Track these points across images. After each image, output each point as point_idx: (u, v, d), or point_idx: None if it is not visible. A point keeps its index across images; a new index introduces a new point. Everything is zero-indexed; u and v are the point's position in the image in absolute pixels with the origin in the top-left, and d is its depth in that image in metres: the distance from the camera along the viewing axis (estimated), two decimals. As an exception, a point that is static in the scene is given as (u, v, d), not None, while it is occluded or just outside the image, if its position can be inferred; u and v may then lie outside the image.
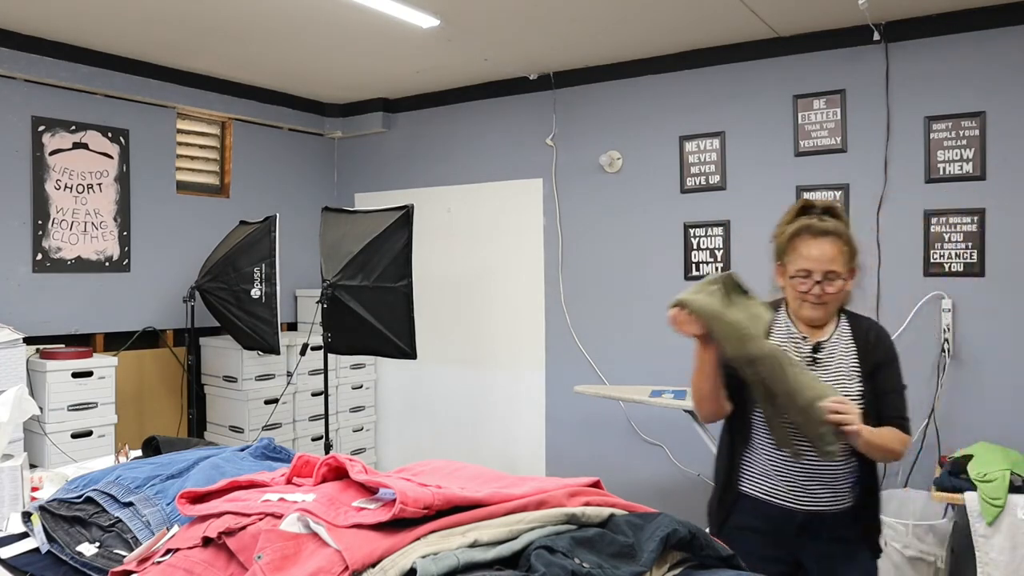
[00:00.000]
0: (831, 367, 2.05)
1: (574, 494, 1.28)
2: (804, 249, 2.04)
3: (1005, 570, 2.89)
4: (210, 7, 3.47)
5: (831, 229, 2.03)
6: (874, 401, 2.02)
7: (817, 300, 2.04)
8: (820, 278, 2.02)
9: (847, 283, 2.06)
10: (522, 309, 4.83)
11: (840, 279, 2.03)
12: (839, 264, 2.02)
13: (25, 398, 1.96)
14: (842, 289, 2.04)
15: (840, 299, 2.08)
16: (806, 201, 2.14)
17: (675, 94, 4.27)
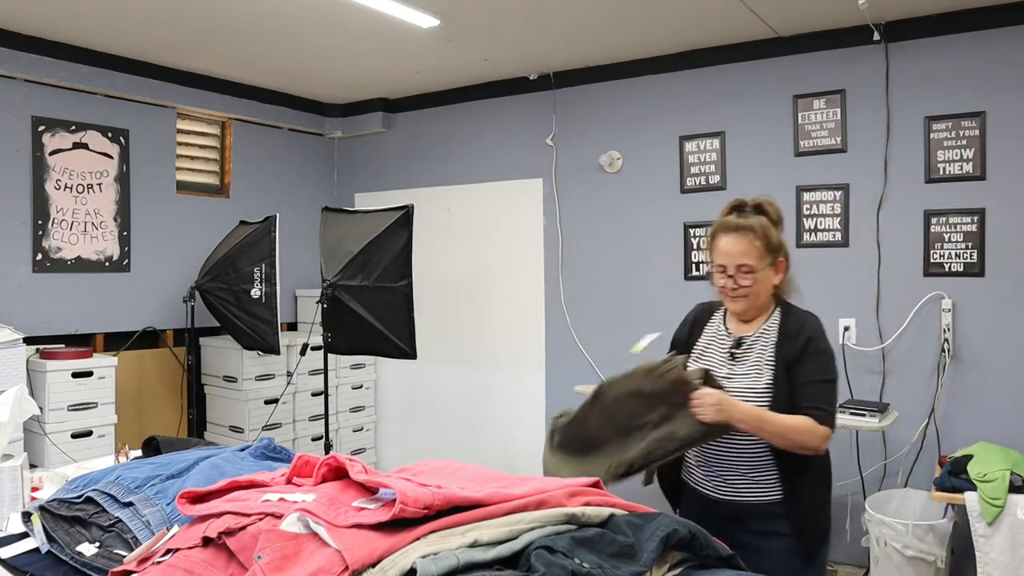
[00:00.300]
0: (747, 361, 2.10)
1: (574, 494, 1.28)
2: (719, 245, 2.13)
3: (1005, 570, 2.89)
4: (210, 7, 3.47)
5: (743, 224, 2.10)
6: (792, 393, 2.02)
7: (734, 293, 2.11)
8: (733, 272, 2.09)
9: (768, 275, 2.10)
10: (522, 309, 4.83)
11: (753, 272, 2.07)
12: (751, 257, 2.08)
13: (25, 398, 1.96)
14: (758, 282, 2.08)
15: (760, 291, 2.11)
16: (737, 200, 2.20)
17: (675, 94, 4.27)
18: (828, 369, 2.04)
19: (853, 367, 3.78)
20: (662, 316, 4.28)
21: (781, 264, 2.13)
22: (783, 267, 2.14)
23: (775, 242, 2.11)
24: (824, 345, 2.06)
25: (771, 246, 2.10)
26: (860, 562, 3.76)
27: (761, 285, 2.10)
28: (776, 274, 2.12)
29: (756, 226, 2.10)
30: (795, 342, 2.05)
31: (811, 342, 2.05)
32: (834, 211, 3.84)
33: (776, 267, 2.12)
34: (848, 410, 3.17)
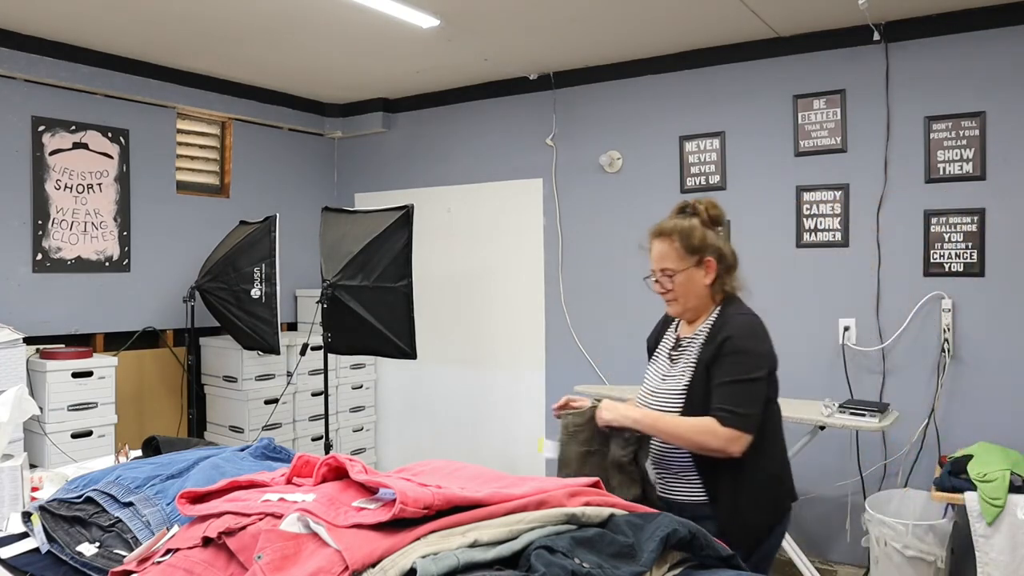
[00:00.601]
0: (680, 363, 2.11)
1: (574, 494, 1.28)
2: (651, 250, 2.17)
3: (1005, 570, 2.89)
4: (210, 7, 3.47)
5: (664, 228, 2.14)
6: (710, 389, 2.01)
7: (663, 296, 2.15)
8: (659, 276, 2.13)
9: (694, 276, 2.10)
10: (522, 309, 4.83)
11: (674, 274, 2.10)
12: (671, 260, 2.11)
13: (25, 398, 1.96)
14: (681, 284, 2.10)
15: (689, 293, 2.11)
16: (681, 203, 2.20)
17: (675, 94, 4.27)
18: (743, 370, 1.98)
19: (853, 367, 3.78)
20: (662, 316, 4.29)
21: (709, 264, 2.10)
22: (712, 267, 2.10)
23: (696, 243, 2.09)
24: (743, 345, 2.00)
25: (692, 247, 2.09)
26: (860, 562, 3.76)
27: (687, 287, 2.10)
28: (706, 274, 2.10)
29: (675, 228, 2.11)
30: (714, 342, 2.03)
31: (727, 342, 2.01)
32: (834, 211, 3.84)
33: (704, 267, 2.10)
34: (848, 410, 3.16)
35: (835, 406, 3.19)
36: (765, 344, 2.05)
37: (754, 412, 1.97)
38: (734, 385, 1.97)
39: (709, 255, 2.10)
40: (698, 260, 2.10)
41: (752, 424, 1.96)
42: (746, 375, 1.98)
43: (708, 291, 2.12)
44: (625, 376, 4.41)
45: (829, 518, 3.86)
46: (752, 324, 2.07)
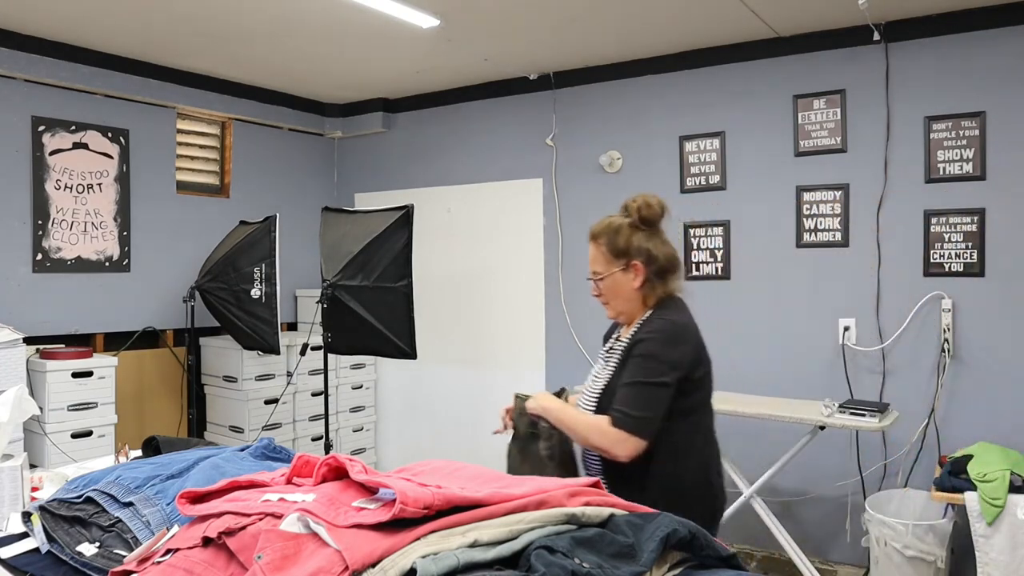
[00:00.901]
0: (609, 364, 2.09)
1: (574, 494, 1.28)
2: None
3: (1005, 570, 2.89)
4: (210, 7, 3.47)
5: (593, 231, 2.10)
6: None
7: (598, 300, 2.12)
8: (591, 280, 2.11)
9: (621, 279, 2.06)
10: (522, 309, 4.83)
11: (602, 279, 2.08)
12: (598, 264, 2.08)
13: (25, 398, 1.96)
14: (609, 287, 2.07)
15: (619, 295, 2.08)
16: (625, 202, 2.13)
17: (675, 94, 4.27)
18: (645, 373, 1.94)
19: (853, 367, 3.78)
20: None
21: (636, 267, 2.05)
22: (639, 270, 2.05)
23: (622, 246, 2.05)
24: (652, 348, 1.95)
25: (617, 250, 2.05)
26: (860, 562, 3.76)
27: (615, 290, 2.07)
28: (634, 277, 2.05)
29: (602, 231, 2.08)
30: (632, 345, 2.00)
31: (638, 345, 1.98)
32: (834, 211, 3.84)
33: (631, 270, 2.05)
34: (848, 410, 3.17)
35: (835, 406, 3.19)
36: (677, 351, 1.97)
37: (649, 417, 1.92)
38: (634, 387, 1.94)
39: (635, 258, 2.04)
40: (625, 264, 2.05)
41: (645, 429, 1.91)
42: (648, 379, 1.93)
43: (638, 294, 2.07)
44: (625, 376, 4.41)
45: (829, 518, 3.86)
46: (669, 329, 1.99)
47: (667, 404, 1.94)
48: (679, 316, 2.04)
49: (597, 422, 1.94)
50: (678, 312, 2.06)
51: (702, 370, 2.03)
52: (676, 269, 2.10)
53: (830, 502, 3.85)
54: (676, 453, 1.98)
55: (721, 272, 4.14)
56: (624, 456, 1.91)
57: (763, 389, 3.81)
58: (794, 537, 3.49)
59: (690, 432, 2.01)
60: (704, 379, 2.04)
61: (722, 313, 4.13)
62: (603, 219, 2.12)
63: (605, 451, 1.93)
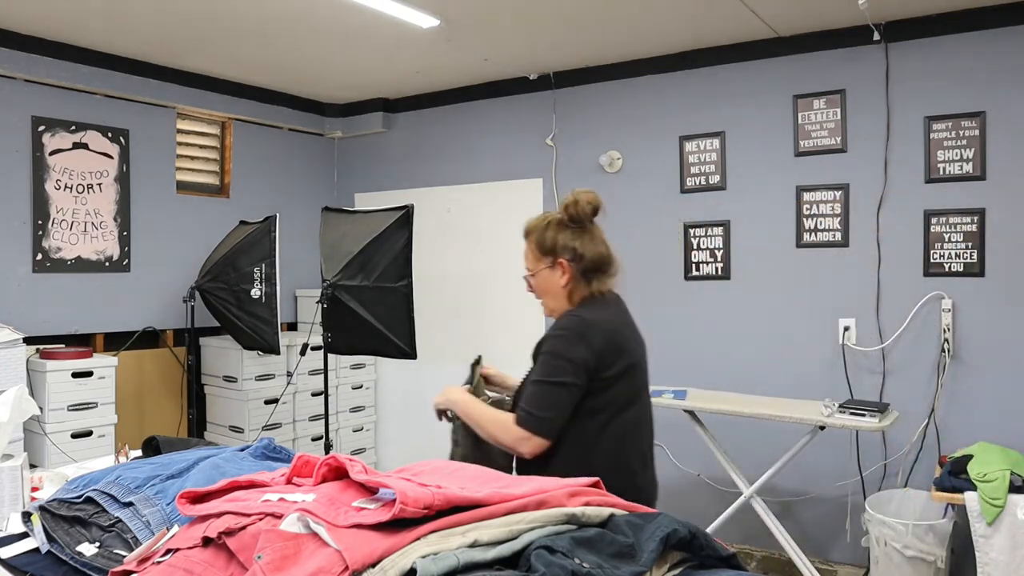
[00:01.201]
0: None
1: (574, 494, 1.28)
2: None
3: (1005, 570, 2.89)
4: (210, 7, 3.47)
5: (525, 229, 2.13)
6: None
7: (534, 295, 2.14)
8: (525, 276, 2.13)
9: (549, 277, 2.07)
10: (522, 309, 4.82)
11: (534, 275, 2.10)
12: (529, 262, 2.11)
13: (25, 398, 1.96)
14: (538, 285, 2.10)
15: (548, 293, 2.09)
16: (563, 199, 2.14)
17: (675, 94, 4.27)
18: (549, 372, 1.94)
19: (853, 367, 3.78)
20: (662, 316, 4.30)
21: (563, 265, 2.05)
22: (566, 268, 2.05)
23: (548, 244, 2.06)
24: (555, 346, 1.96)
25: (544, 249, 2.06)
26: (860, 562, 3.76)
27: (544, 287, 2.09)
28: (562, 275, 2.05)
29: (532, 229, 2.10)
30: (540, 341, 2.02)
31: (544, 342, 2.00)
32: (834, 211, 3.84)
33: (558, 268, 2.06)
34: (848, 410, 3.16)
35: (835, 406, 3.19)
36: (582, 349, 1.94)
37: (552, 417, 1.92)
38: (538, 386, 1.95)
39: (561, 256, 2.05)
40: (551, 261, 2.06)
41: (547, 429, 1.92)
42: (551, 378, 1.94)
43: (565, 292, 2.06)
44: (625, 376, 4.41)
45: (829, 518, 3.86)
46: (577, 326, 1.97)
47: (572, 404, 1.94)
48: (593, 314, 2.01)
49: (503, 419, 1.96)
50: (595, 310, 2.03)
51: (616, 369, 1.98)
52: (605, 268, 2.09)
53: (830, 502, 3.85)
54: (579, 453, 1.96)
55: (721, 272, 4.14)
56: (528, 454, 1.93)
57: (763, 389, 3.81)
58: (794, 537, 3.49)
59: (596, 432, 1.99)
60: (619, 378, 1.99)
61: (722, 313, 4.13)
62: (538, 216, 2.14)
63: (509, 448, 1.95)
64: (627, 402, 2.04)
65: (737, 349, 4.08)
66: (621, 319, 2.08)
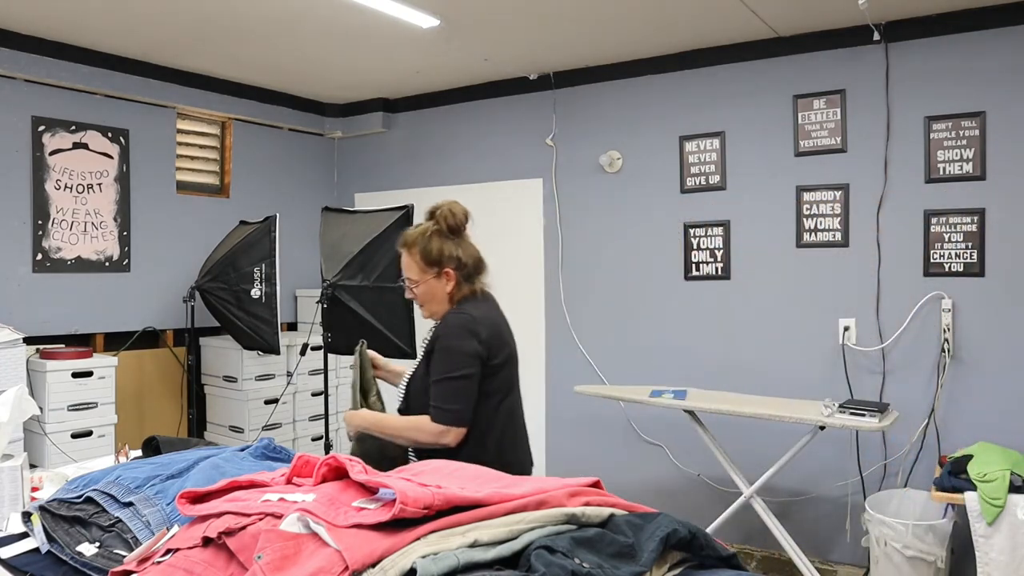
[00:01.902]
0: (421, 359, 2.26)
1: (574, 494, 1.28)
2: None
3: (1005, 570, 2.89)
4: (210, 7, 3.47)
5: (406, 241, 2.25)
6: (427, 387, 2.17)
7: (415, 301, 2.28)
8: (406, 283, 2.27)
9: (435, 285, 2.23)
10: (522, 309, 4.83)
11: (418, 285, 2.24)
12: (413, 272, 2.24)
13: (25, 398, 1.96)
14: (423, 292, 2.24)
15: (432, 299, 2.25)
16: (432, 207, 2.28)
17: (675, 94, 4.27)
18: (448, 368, 2.13)
19: (853, 367, 3.78)
20: (662, 316, 4.30)
21: (448, 274, 2.21)
22: (451, 276, 2.22)
23: (434, 256, 2.20)
24: (449, 343, 2.14)
25: (430, 260, 2.21)
26: (860, 562, 3.76)
27: (429, 295, 2.24)
28: (447, 283, 2.22)
29: (415, 242, 2.23)
30: (430, 341, 2.21)
31: (437, 340, 2.17)
32: (834, 211, 3.84)
33: (444, 277, 2.22)
34: (848, 410, 3.16)
35: (835, 406, 3.19)
36: (472, 343, 2.14)
37: (461, 408, 2.12)
38: (441, 383, 2.14)
39: (448, 266, 2.21)
40: (437, 272, 2.22)
41: (460, 418, 2.12)
42: (451, 373, 2.13)
43: (448, 296, 2.24)
44: (625, 376, 4.41)
45: (829, 518, 3.86)
46: (463, 323, 2.16)
47: (475, 392, 2.15)
48: (477, 311, 2.21)
49: (416, 423, 2.15)
50: (478, 307, 2.23)
51: (501, 357, 2.21)
52: (483, 269, 2.31)
53: (830, 502, 3.85)
54: (480, 432, 2.17)
55: (721, 272, 4.14)
56: (452, 444, 2.12)
57: (763, 389, 3.81)
58: (794, 537, 3.49)
59: (492, 412, 2.20)
60: (503, 366, 2.22)
61: (722, 313, 4.13)
62: (414, 228, 2.27)
63: (431, 444, 2.12)
64: (510, 386, 2.28)
65: (737, 349, 4.08)
66: (499, 314, 2.34)
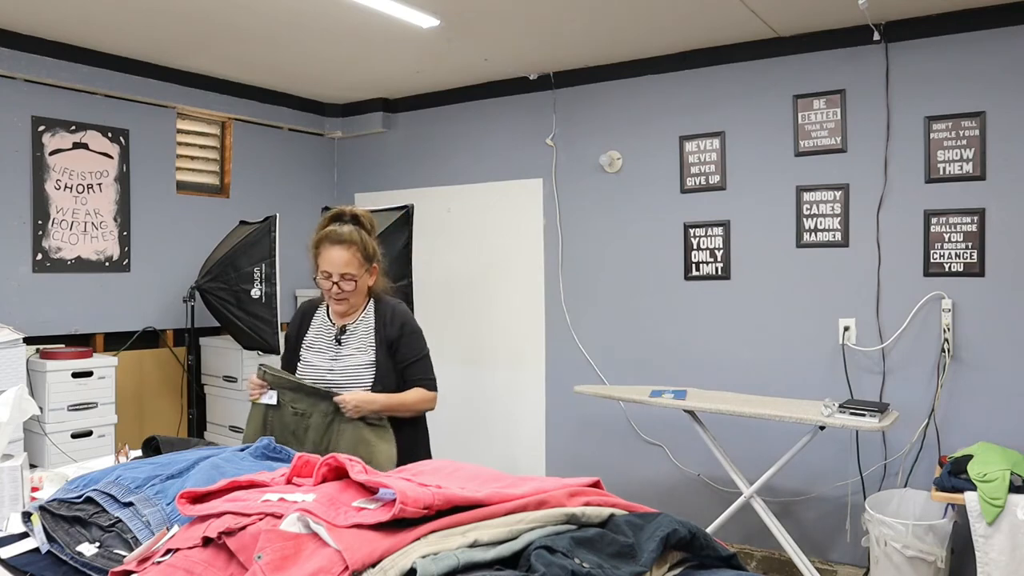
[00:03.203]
0: (352, 344, 2.51)
1: (574, 494, 1.28)
2: (326, 254, 2.46)
3: (1005, 570, 2.89)
4: (210, 7, 3.47)
5: (346, 237, 2.45)
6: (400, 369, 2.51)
7: (338, 296, 2.48)
8: (338, 279, 2.45)
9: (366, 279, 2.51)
10: (522, 309, 4.83)
11: (355, 280, 2.46)
12: (353, 267, 2.45)
13: (25, 398, 1.96)
14: (358, 287, 2.48)
15: (359, 292, 2.52)
16: (337, 210, 2.53)
17: (675, 94, 4.27)
18: (421, 345, 2.56)
19: (853, 367, 3.78)
20: (662, 316, 4.30)
21: (375, 269, 2.54)
22: (376, 271, 2.55)
23: (371, 252, 2.51)
24: (414, 327, 2.57)
25: (367, 256, 2.49)
26: (860, 562, 3.76)
27: (360, 289, 2.51)
28: (371, 277, 2.54)
29: (358, 240, 2.46)
30: (393, 326, 2.51)
31: (405, 325, 2.53)
32: (834, 211, 3.84)
33: (371, 272, 2.53)
34: (848, 410, 3.16)
35: (835, 406, 3.19)
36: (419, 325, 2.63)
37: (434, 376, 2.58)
38: (422, 360, 2.55)
39: (375, 262, 2.54)
40: (368, 267, 2.51)
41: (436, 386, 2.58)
42: (424, 350, 2.57)
43: (368, 289, 2.57)
44: (625, 375, 4.41)
45: (829, 518, 3.86)
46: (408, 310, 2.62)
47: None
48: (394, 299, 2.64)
49: (421, 395, 2.52)
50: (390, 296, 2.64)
51: None
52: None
53: (830, 502, 3.85)
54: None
55: (721, 272, 4.14)
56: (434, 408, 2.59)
57: (763, 389, 3.81)
58: (794, 537, 3.49)
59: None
60: None
61: (722, 313, 4.13)
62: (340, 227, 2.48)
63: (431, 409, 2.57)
64: None
65: (737, 349, 4.08)
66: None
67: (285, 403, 2.43)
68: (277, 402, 2.43)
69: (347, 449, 2.33)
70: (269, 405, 2.44)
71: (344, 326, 2.53)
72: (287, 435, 2.40)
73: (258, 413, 2.46)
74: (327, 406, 2.40)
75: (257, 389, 2.44)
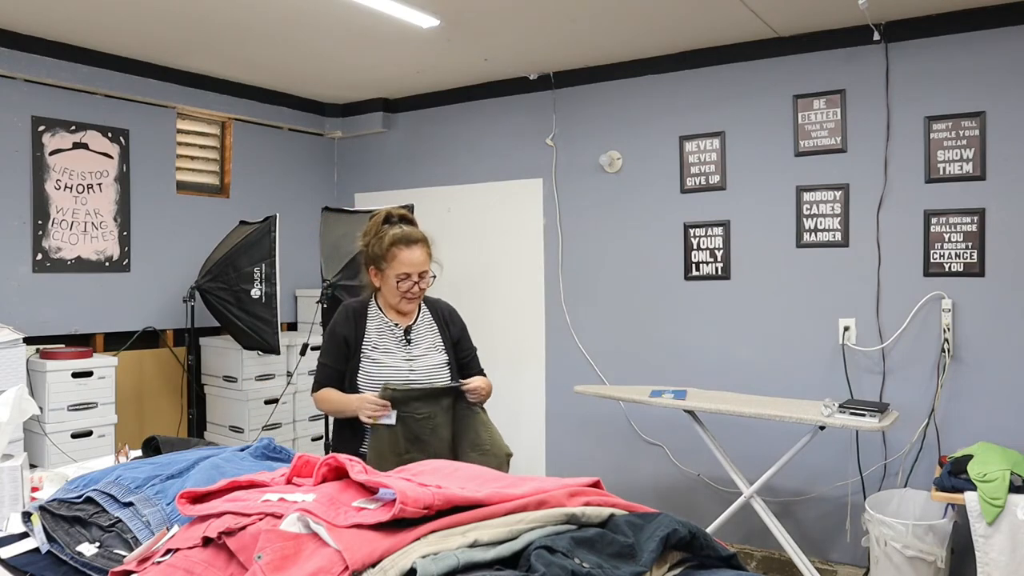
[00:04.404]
0: (421, 344, 2.57)
1: (574, 494, 1.28)
2: (402, 256, 2.49)
3: (1005, 570, 2.89)
4: (210, 7, 3.47)
5: (419, 236, 2.54)
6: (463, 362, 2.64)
7: (414, 296, 2.53)
8: (417, 278, 2.51)
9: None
10: (522, 309, 4.83)
11: (431, 276, 2.56)
12: (427, 264, 2.54)
13: (25, 398, 1.96)
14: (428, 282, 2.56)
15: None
16: (384, 212, 2.60)
17: (675, 94, 4.27)
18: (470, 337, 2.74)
19: (853, 367, 3.78)
20: (662, 316, 4.30)
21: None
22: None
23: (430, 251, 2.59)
24: (463, 321, 2.74)
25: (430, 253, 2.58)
26: (860, 562, 3.76)
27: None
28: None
29: (425, 236, 2.56)
30: (455, 325, 2.67)
31: (461, 322, 2.72)
32: (834, 211, 3.84)
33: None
34: (848, 410, 3.16)
35: (835, 406, 3.19)
36: None
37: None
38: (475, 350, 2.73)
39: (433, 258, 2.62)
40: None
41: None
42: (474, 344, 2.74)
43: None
44: (625, 376, 4.41)
45: (829, 518, 3.86)
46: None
47: None
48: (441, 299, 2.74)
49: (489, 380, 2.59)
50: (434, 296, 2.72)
51: None
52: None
53: (830, 502, 3.85)
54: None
55: (721, 272, 4.15)
56: None
57: (763, 389, 3.81)
58: (794, 537, 3.49)
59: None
60: None
61: (722, 313, 4.13)
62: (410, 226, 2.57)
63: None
64: None
65: (737, 349, 4.08)
66: None
67: (406, 414, 2.37)
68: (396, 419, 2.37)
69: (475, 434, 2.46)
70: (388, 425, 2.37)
71: (409, 326, 2.58)
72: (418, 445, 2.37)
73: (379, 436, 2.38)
74: (447, 401, 2.45)
75: (381, 410, 2.37)
